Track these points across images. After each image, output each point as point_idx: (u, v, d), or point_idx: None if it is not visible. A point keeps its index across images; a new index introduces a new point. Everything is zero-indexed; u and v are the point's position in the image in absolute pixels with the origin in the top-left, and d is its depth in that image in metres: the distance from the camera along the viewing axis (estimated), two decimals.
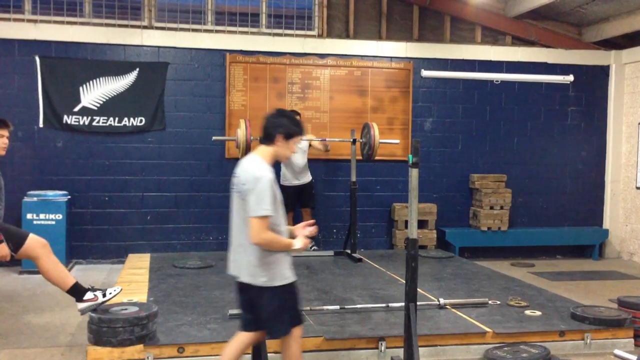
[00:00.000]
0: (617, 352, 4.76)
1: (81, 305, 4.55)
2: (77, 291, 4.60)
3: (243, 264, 3.55)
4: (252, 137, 7.00)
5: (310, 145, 8.18)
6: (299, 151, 8.00)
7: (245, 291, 3.59)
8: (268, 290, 3.50)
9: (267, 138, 3.61)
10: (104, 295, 4.58)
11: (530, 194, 9.38)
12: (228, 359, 3.65)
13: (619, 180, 9.56)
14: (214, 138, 7.85)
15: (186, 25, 8.44)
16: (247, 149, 7.15)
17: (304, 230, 3.66)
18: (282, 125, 3.60)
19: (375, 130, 7.53)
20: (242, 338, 3.69)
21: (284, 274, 3.54)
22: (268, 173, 3.47)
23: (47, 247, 4.67)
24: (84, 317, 5.21)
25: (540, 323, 5.08)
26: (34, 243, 4.63)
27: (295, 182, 8.13)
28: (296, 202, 8.19)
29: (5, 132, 4.80)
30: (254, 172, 3.45)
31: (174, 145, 8.37)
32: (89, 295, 4.56)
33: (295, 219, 8.40)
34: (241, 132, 7.12)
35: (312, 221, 3.81)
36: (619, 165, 9.56)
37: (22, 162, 7.99)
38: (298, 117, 3.91)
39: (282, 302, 3.54)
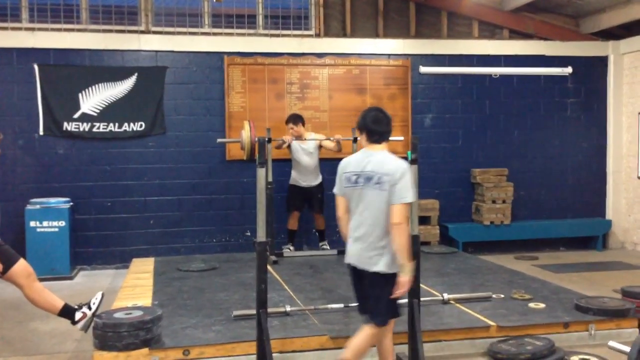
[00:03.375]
0: (611, 343, 4.76)
1: (79, 325, 4.74)
2: (68, 312, 4.74)
3: (366, 252, 3.73)
4: (256, 138, 6.97)
5: (320, 145, 8.05)
6: (306, 152, 7.96)
7: (364, 279, 3.78)
8: (382, 277, 3.69)
9: (385, 137, 3.88)
10: (90, 308, 4.74)
11: (532, 187, 9.38)
12: (353, 351, 3.76)
13: (621, 171, 9.55)
14: (218, 140, 7.82)
15: (183, 28, 8.46)
16: (252, 151, 7.17)
17: None
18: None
19: None
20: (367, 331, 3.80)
21: (396, 264, 3.69)
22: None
23: (32, 276, 4.70)
24: None
25: (544, 315, 5.09)
26: (21, 271, 4.64)
27: (304, 184, 8.04)
28: (303, 202, 8.15)
29: None
30: (399, 164, 3.71)
31: (175, 149, 8.39)
32: (78, 315, 4.74)
33: (305, 221, 8.42)
34: (245, 134, 7.13)
35: None
36: (620, 155, 9.55)
37: (24, 170, 8.01)
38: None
39: (390, 290, 3.68)
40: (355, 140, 7.87)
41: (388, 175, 3.66)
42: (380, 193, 3.67)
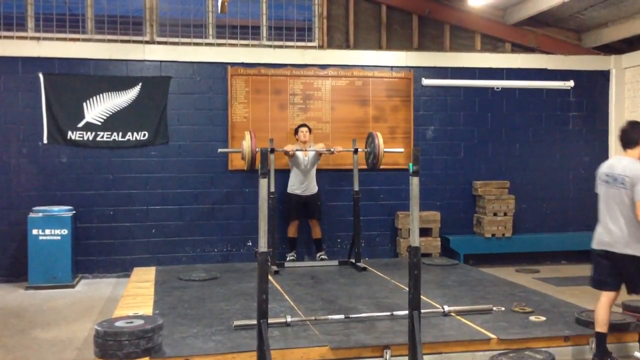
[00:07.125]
0: (637, 354, 4.77)
1: None
2: None
3: (618, 239, 4.83)
4: (257, 149, 7.03)
5: (320, 155, 8.22)
6: (308, 162, 8.08)
7: (614, 259, 4.76)
8: (637, 259, 4.63)
9: (633, 143, 4.77)
10: None
11: (533, 200, 9.39)
12: (602, 319, 4.68)
13: None
14: (219, 150, 7.91)
15: (187, 39, 8.51)
16: (253, 160, 7.21)
17: None
18: None
19: (380, 139, 7.59)
20: (611, 297, 4.73)
21: None
22: None
23: None
24: (90, 332, 5.26)
25: (544, 328, 5.08)
26: None
27: (301, 192, 8.19)
28: (302, 211, 8.23)
29: None
30: (637, 168, 4.63)
31: (178, 159, 8.42)
32: None
33: (301, 229, 8.45)
34: (246, 144, 7.16)
35: None
36: None
37: (27, 178, 8.04)
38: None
39: None
40: (356, 151, 7.93)
41: (629, 177, 4.60)
42: (625, 192, 4.65)
